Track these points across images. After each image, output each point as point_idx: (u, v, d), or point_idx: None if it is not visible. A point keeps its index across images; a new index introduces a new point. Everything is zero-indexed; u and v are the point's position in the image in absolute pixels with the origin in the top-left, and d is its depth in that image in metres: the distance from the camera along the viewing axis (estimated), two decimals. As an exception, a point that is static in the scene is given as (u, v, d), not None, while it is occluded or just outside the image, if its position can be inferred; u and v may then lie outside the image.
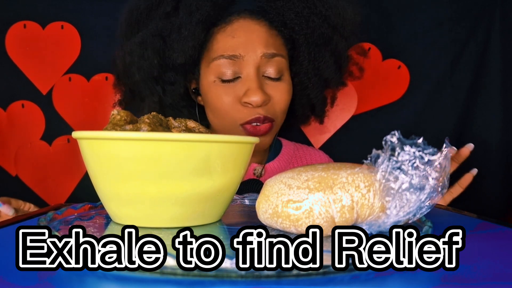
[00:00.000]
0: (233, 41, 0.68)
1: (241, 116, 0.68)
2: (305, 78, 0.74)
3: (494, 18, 0.95)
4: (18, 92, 0.94)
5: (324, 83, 0.77)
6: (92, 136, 0.37)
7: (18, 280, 0.26)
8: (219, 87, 0.69)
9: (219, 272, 0.26)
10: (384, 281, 0.26)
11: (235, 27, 0.69)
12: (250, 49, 0.68)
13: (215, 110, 0.71)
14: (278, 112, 0.71)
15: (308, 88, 0.75)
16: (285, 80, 0.71)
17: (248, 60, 0.68)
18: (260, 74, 0.69)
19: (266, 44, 0.68)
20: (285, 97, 0.71)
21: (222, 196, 0.40)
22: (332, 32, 0.72)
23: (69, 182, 0.96)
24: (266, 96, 0.67)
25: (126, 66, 0.74)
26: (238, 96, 0.68)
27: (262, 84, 0.69)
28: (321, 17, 0.70)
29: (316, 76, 0.74)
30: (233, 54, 0.68)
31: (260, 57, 0.68)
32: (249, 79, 0.67)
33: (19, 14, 0.93)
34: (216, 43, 0.70)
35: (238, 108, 0.68)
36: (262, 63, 0.68)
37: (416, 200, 0.33)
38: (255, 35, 0.68)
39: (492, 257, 0.32)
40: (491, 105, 0.96)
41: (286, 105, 0.72)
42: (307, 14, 0.69)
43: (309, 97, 0.77)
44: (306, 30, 0.70)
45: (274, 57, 0.69)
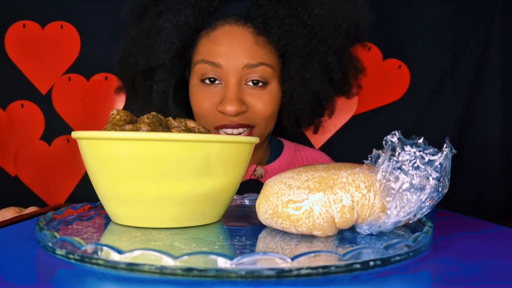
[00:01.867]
0: (215, 48, 0.68)
1: (215, 120, 0.69)
2: (291, 87, 0.72)
3: (494, 18, 0.95)
4: (18, 92, 0.94)
5: (312, 96, 0.74)
6: (91, 136, 0.37)
7: (18, 280, 0.26)
8: (200, 91, 0.70)
9: (219, 272, 0.26)
10: (384, 281, 0.26)
11: (218, 33, 0.69)
12: (231, 58, 0.67)
13: (195, 111, 0.72)
14: (260, 119, 0.70)
15: (294, 97, 0.73)
16: (269, 88, 0.70)
17: (228, 70, 0.67)
18: (241, 83, 0.68)
19: (249, 54, 0.67)
20: (267, 106, 0.69)
21: (222, 196, 0.40)
22: (318, 43, 0.69)
23: (68, 182, 0.95)
24: (242, 106, 0.67)
25: (118, 60, 0.77)
26: (216, 102, 0.68)
27: (243, 93, 0.68)
28: (306, 27, 0.68)
29: (302, 87, 0.72)
30: (213, 61, 0.67)
31: (241, 67, 0.67)
32: (227, 88, 0.67)
33: (18, 13, 0.93)
34: (200, 47, 0.70)
35: (214, 114, 0.69)
36: (244, 73, 0.67)
37: (416, 200, 0.33)
38: (237, 43, 0.67)
39: (492, 257, 0.32)
40: (491, 105, 0.96)
41: (268, 113, 0.70)
42: (290, 23, 0.67)
43: (296, 106, 0.74)
44: (288, 39, 0.68)
45: (257, 67, 0.67)
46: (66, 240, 0.29)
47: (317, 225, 0.34)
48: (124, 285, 0.26)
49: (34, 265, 0.30)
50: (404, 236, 0.37)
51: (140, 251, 0.27)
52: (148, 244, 0.33)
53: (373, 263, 0.28)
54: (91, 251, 0.28)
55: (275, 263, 0.26)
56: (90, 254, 0.28)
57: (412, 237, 0.31)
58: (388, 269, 0.28)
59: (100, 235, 0.36)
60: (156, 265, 0.26)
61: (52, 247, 0.31)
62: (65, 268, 0.28)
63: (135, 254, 0.27)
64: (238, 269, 0.26)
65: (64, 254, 0.30)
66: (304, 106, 0.74)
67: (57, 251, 0.30)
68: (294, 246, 0.33)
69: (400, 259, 0.29)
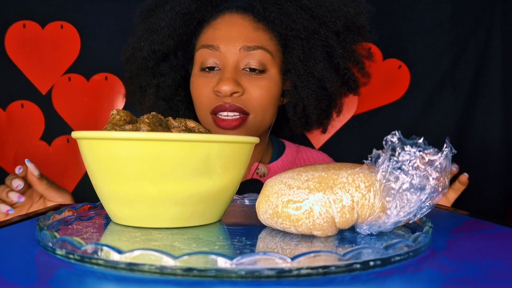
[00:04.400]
0: (214, 33, 0.70)
1: (210, 103, 0.69)
2: (295, 76, 0.72)
3: (494, 18, 0.95)
4: (18, 92, 0.94)
5: (318, 84, 0.74)
6: (91, 136, 0.37)
7: (18, 280, 0.26)
8: (200, 78, 0.71)
9: (219, 272, 0.26)
10: (384, 281, 0.26)
11: (218, 21, 0.71)
12: (229, 41, 0.69)
13: (194, 100, 0.73)
14: (255, 106, 0.69)
15: (298, 87, 0.73)
16: (269, 75, 0.70)
17: (225, 52, 0.69)
18: (238, 66, 0.69)
19: (247, 37, 0.69)
20: (262, 92, 0.69)
21: (222, 196, 0.40)
22: (319, 25, 0.70)
23: (68, 182, 0.95)
24: (237, 87, 0.67)
25: (127, 58, 0.78)
26: (213, 86, 0.69)
27: (239, 76, 0.69)
28: (305, 10, 0.69)
29: (306, 74, 0.72)
30: (211, 44, 0.69)
31: (238, 49, 0.68)
32: (224, 70, 0.69)
33: (18, 13, 0.93)
34: (201, 36, 0.72)
35: (209, 97, 0.70)
36: (242, 56, 0.69)
37: (416, 200, 0.33)
38: (235, 28, 0.69)
39: (492, 257, 0.32)
40: (491, 105, 0.96)
41: (264, 100, 0.70)
42: (289, 6, 0.69)
43: (300, 97, 0.74)
44: (288, 22, 0.69)
45: (255, 50, 0.69)
46: (66, 240, 0.29)
47: (317, 225, 0.34)
48: (124, 285, 0.26)
49: (34, 265, 0.30)
50: (404, 236, 0.37)
51: (140, 251, 0.27)
52: (148, 244, 0.33)
53: (373, 263, 0.28)
54: (91, 251, 0.28)
55: (275, 263, 0.26)
56: (90, 254, 0.28)
57: (412, 237, 0.31)
58: (388, 269, 0.28)
59: (100, 235, 0.36)
60: (156, 265, 0.26)
61: (52, 247, 0.31)
62: (65, 268, 0.28)
63: (135, 254, 0.27)
64: (238, 269, 0.26)
65: (64, 254, 0.30)
66: (310, 96, 0.74)
67: (57, 251, 0.30)
68: (294, 246, 0.33)
69: (400, 259, 0.29)
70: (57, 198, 0.65)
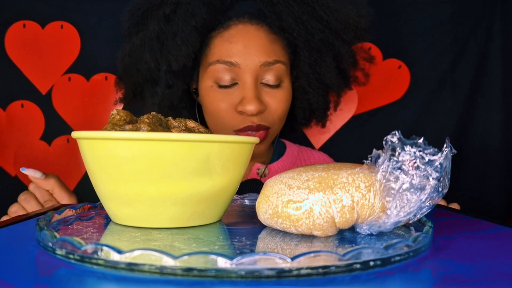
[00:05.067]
0: (230, 47, 0.67)
1: (235, 123, 0.68)
2: (305, 83, 0.73)
3: (494, 18, 0.95)
4: (18, 92, 0.94)
5: (325, 88, 0.75)
6: (91, 136, 0.37)
7: (18, 280, 0.26)
8: (216, 93, 0.69)
9: (219, 272, 0.26)
10: (384, 281, 0.26)
11: (232, 32, 0.68)
12: (248, 57, 0.66)
13: (211, 114, 0.71)
14: (276, 119, 0.70)
15: (309, 93, 0.74)
16: (284, 86, 0.70)
17: (245, 68, 0.66)
18: (258, 82, 0.68)
19: (265, 52, 0.67)
20: (282, 105, 0.70)
21: (222, 196, 0.40)
22: (334, 37, 0.70)
23: (68, 182, 0.95)
24: (262, 105, 0.67)
25: (126, 67, 0.74)
26: (234, 103, 0.68)
27: (260, 92, 0.68)
28: (322, 22, 0.68)
29: (317, 81, 0.73)
30: (229, 60, 0.67)
31: (259, 66, 0.67)
32: (246, 87, 0.67)
33: (18, 13, 0.93)
34: (214, 48, 0.69)
35: (233, 115, 0.68)
36: (261, 71, 0.67)
37: (416, 200, 0.33)
38: (253, 42, 0.67)
39: (492, 257, 0.32)
40: (491, 105, 0.96)
41: (283, 112, 0.71)
42: (307, 19, 0.68)
43: (310, 101, 0.75)
44: (306, 35, 0.69)
45: (274, 65, 0.68)
46: (66, 240, 0.29)
47: (317, 225, 0.34)
48: (124, 285, 0.26)
49: (34, 265, 0.30)
50: (404, 236, 0.37)
51: (140, 251, 0.27)
52: (148, 244, 0.33)
53: (373, 263, 0.28)
54: (91, 251, 0.28)
55: (275, 263, 0.26)
56: (90, 254, 0.28)
57: (412, 237, 0.31)
58: (388, 269, 0.28)
59: (100, 235, 0.36)
60: (156, 265, 0.26)
61: (52, 247, 0.31)
62: (65, 268, 0.28)
63: (135, 254, 0.27)
64: (238, 269, 0.26)
65: (64, 254, 0.30)
66: (318, 100, 0.75)
67: (57, 251, 0.30)
68: (294, 246, 0.33)
69: (400, 259, 0.29)
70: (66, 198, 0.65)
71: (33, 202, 0.61)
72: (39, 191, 0.63)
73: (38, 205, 0.62)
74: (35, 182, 0.63)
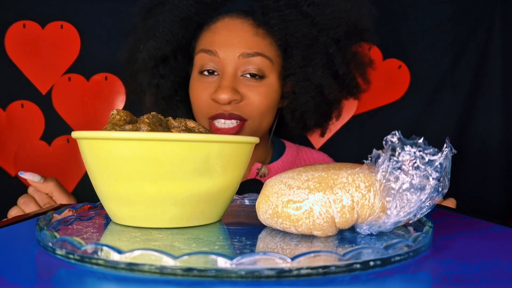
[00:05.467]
0: (213, 37, 0.70)
1: (209, 110, 0.69)
2: (294, 81, 0.72)
3: (494, 18, 0.95)
4: (18, 92, 0.94)
5: (316, 90, 0.73)
6: (91, 136, 0.37)
7: (18, 280, 0.26)
8: (199, 82, 0.71)
9: (219, 272, 0.26)
10: (384, 281, 0.26)
11: (218, 25, 0.71)
12: (228, 47, 0.68)
13: (192, 103, 0.73)
14: (253, 112, 0.69)
15: (296, 93, 0.73)
16: (267, 81, 0.70)
17: (224, 58, 0.68)
18: (237, 73, 0.68)
19: (246, 44, 0.68)
20: (262, 99, 0.69)
21: (222, 196, 0.40)
22: (319, 33, 0.69)
23: (68, 182, 0.95)
24: (235, 95, 0.67)
25: (126, 60, 0.78)
26: (211, 92, 0.69)
27: (238, 83, 0.68)
28: (306, 17, 0.68)
29: (304, 80, 0.72)
30: (210, 49, 0.69)
31: (237, 56, 0.68)
32: (223, 77, 0.68)
33: (18, 13, 0.93)
34: (201, 39, 0.72)
35: (208, 104, 0.69)
36: (241, 63, 0.68)
37: (416, 200, 0.33)
38: (235, 33, 0.69)
39: (492, 257, 0.32)
40: (491, 105, 0.96)
41: (264, 107, 0.70)
42: (290, 13, 0.68)
43: (298, 101, 0.74)
44: (289, 29, 0.69)
45: (254, 57, 0.68)
46: (66, 240, 0.29)
47: (317, 225, 0.34)
48: (124, 285, 0.26)
49: (34, 265, 0.30)
50: (404, 236, 0.37)
51: (140, 251, 0.27)
52: (148, 244, 0.33)
53: (373, 263, 0.28)
54: (91, 251, 0.28)
55: (275, 263, 0.26)
56: (90, 254, 0.28)
57: (412, 237, 0.31)
58: (388, 269, 0.28)
59: (100, 235, 0.36)
60: (156, 265, 0.26)
61: (52, 247, 0.31)
62: (65, 268, 0.28)
63: (135, 254, 0.27)
64: (238, 269, 0.26)
65: (64, 254, 0.30)
66: (308, 102, 0.74)
67: (57, 251, 0.30)
68: (294, 246, 0.33)
69: (400, 259, 0.29)
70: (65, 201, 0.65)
71: (32, 205, 0.61)
72: (38, 194, 0.63)
73: (37, 208, 0.62)
74: (34, 186, 0.62)
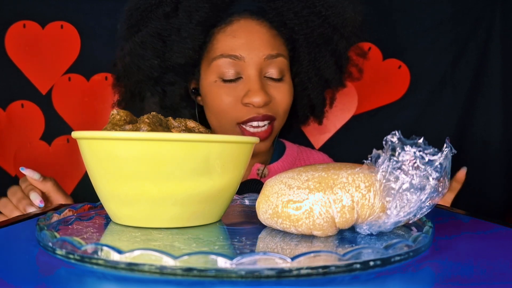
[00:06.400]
0: (234, 41, 0.68)
1: (240, 115, 0.69)
2: (305, 78, 0.74)
3: (494, 18, 0.95)
4: (18, 92, 0.94)
5: (324, 84, 0.77)
6: (91, 136, 0.37)
7: (18, 280, 0.26)
8: (220, 87, 0.69)
9: (219, 272, 0.26)
10: (384, 281, 0.26)
11: (235, 28, 0.69)
12: (252, 50, 0.68)
13: (215, 109, 0.71)
14: (280, 111, 0.71)
15: (308, 88, 0.75)
16: (286, 80, 0.72)
17: (249, 62, 0.68)
18: (262, 75, 0.69)
19: (268, 45, 0.69)
20: (287, 98, 0.71)
21: (222, 196, 0.40)
22: (332, 32, 0.72)
23: (68, 182, 0.96)
24: (268, 97, 0.68)
25: (126, 67, 0.75)
26: (239, 96, 0.68)
27: (264, 85, 0.69)
28: (321, 17, 0.70)
29: (316, 76, 0.74)
30: (233, 54, 0.68)
31: (263, 59, 0.68)
32: (251, 80, 0.68)
33: (18, 13, 0.93)
34: (217, 43, 0.70)
35: (237, 108, 0.69)
36: (265, 64, 0.69)
37: (416, 200, 0.33)
38: (256, 36, 0.69)
39: (492, 257, 0.32)
40: (491, 105, 0.96)
41: (288, 105, 0.72)
42: (306, 14, 0.69)
43: (310, 97, 0.77)
44: (306, 30, 0.70)
45: (276, 58, 0.69)
46: (66, 240, 0.29)
47: (317, 225, 0.34)
48: (124, 285, 0.26)
49: (34, 265, 0.30)
50: (404, 236, 0.37)
51: (140, 251, 0.27)
52: (148, 244, 0.33)
53: (373, 263, 0.28)
54: (91, 251, 0.28)
55: (275, 263, 0.26)
56: (90, 254, 0.28)
57: (412, 237, 0.31)
58: (388, 269, 0.28)
59: (100, 235, 0.36)
60: (156, 265, 0.26)
61: (52, 247, 0.31)
62: (65, 268, 0.28)
63: (135, 254, 0.27)
64: (238, 269, 0.26)
65: (64, 254, 0.30)
66: (318, 95, 0.77)
67: (57, 251, 0.30)
68: (294, 246, 0.33)
69: (400, 259, 0.29)
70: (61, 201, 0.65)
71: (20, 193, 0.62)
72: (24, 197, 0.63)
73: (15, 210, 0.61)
74: (33, 183, 0.63)
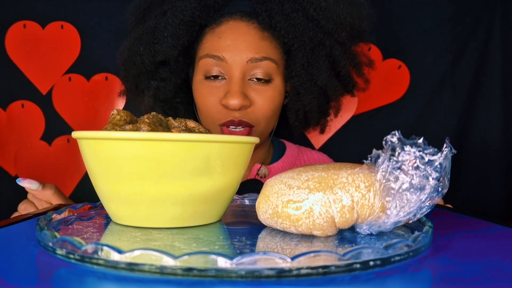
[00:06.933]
0: (219, 42, 0.68)
1: (219, 116, 0.69)
2: (297, 83, 0.72)
3: (494, 18, 0.95)
4: (18, 92, 0.94)
5: (320, 91, 0.74)
6: (92, 136, 0.37)
7: (18, 280, 0.26)
8: (205, 86, 0.70)
9: (219, 272, 0.26)
10: (384, 281, 0.26)
11: (223, 28, 0.69)
12: (235, 52, 0.67)
13: (199, 108, 0.72)
14: (260, 118, 0.69)
15: (301, 94, 0.73)
16: (274, 85, 0.70)
17: (232, 64, 0.67)
18: (245, 77, 0.68)
19: (254, 48, 0.67)
20: (269, 103, 0.69)
21: (222, 196, 0.40)
22: (324, 36, 0.70)
23: (69, 182, 0.96)
24: (245, 100, 0.67)
25: (124, 61, 0.76)
26: (220, 97, 0.68)
27: (246, 88, 0.68)
28: (312, 21, 0.68)
29: (309, 82, 0.72)
30: (217, 54, 0.68)
31: (246, 61, 0.67)
32: (232, 82, 0.67)
33: (19, 14, 0.93)
34: (205, 42, 0.70)
35: (218, 109, 0.69)
36: (249, 67, 0.68)
37: (416, 200, 0.33)
38: (242, 37, 0.68)
39: (492, 257, 0.32)
40: (491, 105, 0.96)
41: (270, 111, 0.70)
42: (296, 17, 0.67)
43: (303, 103, 0.74)
44: (295, 33, 0.68)
45: (262, 61, 0.68)
46: (66, 240, 0.29)
47: (317, 225, 0.34)
48: (124, 285, 0.26)
49: (34, 265, 0.30)
50: (404, 236, 0.37)
51: (140, 251, 0.27)
52: (148, 244, 0.33)
53: (373, 263, 0.28)
54: (91, 251, 0.28)
55: (275, 263, 0.26)
56: (90, 254, 0.28)
57: (412, 237, 0.31)
58: (388, 269, 0.28)
59: (100, 235, 0.36)
60: (156, 265, 0.26)
61: (52, 247, 0.31)
62: (65, 268, 0.28)
63: (135, 254, 0.27)
64: (238, 269, 0.26)
65: (64, 254, 0.30)
66: (312, 102, 0.74)
67: (57, 251, 0.30)
68: (294, 246, 0.33)
69: (400, 259, 0.29)
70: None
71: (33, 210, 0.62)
72: (37, 200, 0.63)
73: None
74: (32, 193, 0.62)
